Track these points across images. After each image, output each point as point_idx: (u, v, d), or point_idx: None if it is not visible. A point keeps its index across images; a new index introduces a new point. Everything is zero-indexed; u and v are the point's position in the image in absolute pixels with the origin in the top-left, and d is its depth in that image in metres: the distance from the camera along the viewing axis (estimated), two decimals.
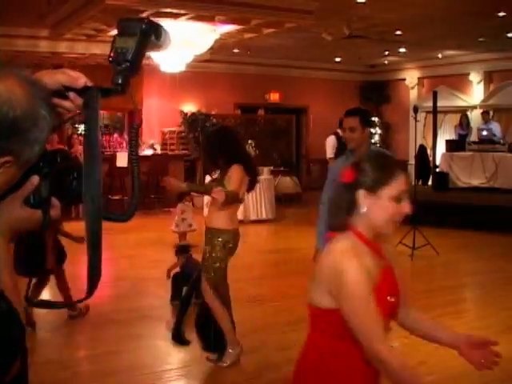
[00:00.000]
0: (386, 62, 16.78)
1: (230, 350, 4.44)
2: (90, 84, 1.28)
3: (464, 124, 14.10)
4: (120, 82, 1.27)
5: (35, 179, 1.23)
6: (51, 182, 1.25)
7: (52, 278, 5.71)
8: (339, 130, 10.85)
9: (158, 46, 1.29)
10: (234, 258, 5.89)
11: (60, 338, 5.39)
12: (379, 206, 1.97)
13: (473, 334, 5.42)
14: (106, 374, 4.39)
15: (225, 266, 4.52)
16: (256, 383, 4.32)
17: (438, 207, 11.32)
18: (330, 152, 11.05)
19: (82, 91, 1.27)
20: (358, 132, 4.11)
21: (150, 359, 4.70)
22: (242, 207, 12.17)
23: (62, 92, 1.28)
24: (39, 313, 5.43)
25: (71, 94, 1.28)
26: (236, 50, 13.95)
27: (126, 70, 1.26)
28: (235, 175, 4.44)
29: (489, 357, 2.09)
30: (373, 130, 17.59)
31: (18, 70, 1.24)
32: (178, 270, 6.40)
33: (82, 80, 1.29)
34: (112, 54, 1.25)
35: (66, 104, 1.31)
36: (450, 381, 4.38)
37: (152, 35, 1.25)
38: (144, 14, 8.83)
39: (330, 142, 11.14)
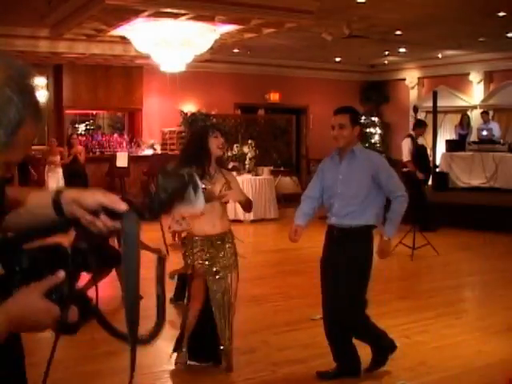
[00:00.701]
0: (385, 62, 16.78)
1: (222, 347, 4.39)
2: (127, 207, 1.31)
3: (465, 124, 14.08)
4: (157, 209, 1.31)
5: (61, 274, 1.21)
6: (72, 284, 1.24)
7: None
8: (413, 132, 10.78)
9: (191, 201, 1.34)
10: None
11: (60, 338, 5.38)
12: None
13: (473, 334, 5.40)
14: (105, 374, 4.38)
15: None
16: (255, 383, 4.32)
17: (438, 207, 11.31)
18: (406, 155, 10.44)
19: (118, 214, 1.30)
20: (348, 130, 4.07)
21: (150, 359, 4.70)
22: (241, 207, 12.20)
23: (98, 212, 1.31)
24: None
25: (102, 216, 1.31)
26: (236, 50, 13.94)
27: (164, 203, 1.30)
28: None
29: None
30: (373, 130, 17.59)
31: (5, 54, 1.23)
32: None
33: (123, 205, 1.30)
34: (153, 189, 1.33)
35: (99, 224, 1.32)
36: (450, 381, 4.38)
37: (191, 187, 1.33)
38: (144, 14, 8.83)
39: (407, 145, 10.54)
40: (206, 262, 4.33)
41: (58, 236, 1.36)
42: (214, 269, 4.33)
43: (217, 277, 4.33)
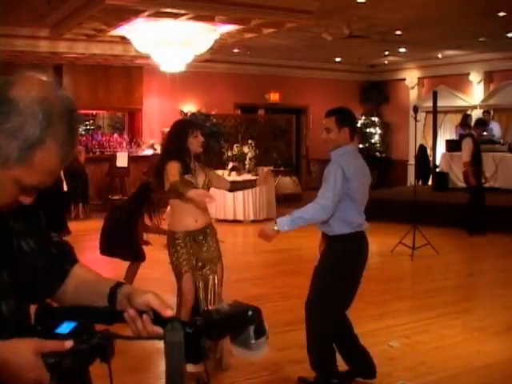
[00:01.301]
0: (385, 62, 16.78)
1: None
2: (173, 315, 1.28)
3: (467, 124, 14.04)
4: (201, 327, 1.24)
5: (68, 344, 1.15)
6: (78, 361, 1.18)
7: None
8: (474, 132, 10.73)
9: (250, 345, 1.28)
10: (233, 257, 5.90)
11: None
12: None
13: (473, 334, 5.40)
14: (105, 374, 4.38)
15: None
16: (255, 383, 4.32)
17: (438, 207, 11.31)
18: (467, 155, 10.20)
19: (162, 321, 1.26)
20: (334, 133, 3.98)
21: (150, 360, 4.70)
22: (241, 207, 12.23)
23: (143, 312, 1.29)
24: None
25: (144, 317, 1.29)
26: (236, 50, 13.94)
27: (212, 323, 1.25)
28: None
29: None
30: (373, 130, 17.59)
31: (58, 86, 1.27)
32: None
33: (171, 311, 1.28)
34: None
35: (139, 324, 1.30)
36: (450, 381, 4.38)
37: (252, 328, 1.27)
38: (144, 14, 8.83)
39: (467, 145, 10.26)
40: (191, 258, 4.35)
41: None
42: (200, 264, 4.38)
43: (203, 270, 4.38)
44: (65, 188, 11.84)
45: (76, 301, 1.43)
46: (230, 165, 12.58)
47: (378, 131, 17.59)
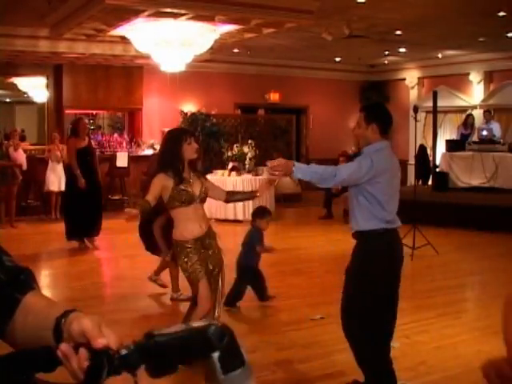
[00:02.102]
0: (385, 61, 16.78)
1: None
2: (108, 345, 0.93)
3: (469, 124, 14.04)
4: (132, 361, 0.91)
5: None
6: None
7: None
8: None
9: (219, 382, 0.93)
10: (233, 257, 5.90)
11: None
12: None
13: (473, 334, 5.40)
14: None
15: None
16: (255, 383, 4.31)
17: (438, 207, 11.32)
18: None
19: (93, 354, 0.93)
20: (362, 128, 3.85)
21: None
22: (241, 207, 12.22)
23: (81, 345, 0.96)
24: None
25: (81, 351, 0.94)
26: (236, 50, 13.94)
27: (147, 352, 0.91)
28: None
29: None
30: None
31: None
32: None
33: (101, 341, 0.94)
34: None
35: (74, 362, 0.94)
36: (450, 381, 4.38)
37: (217, 354, 0.92)
38: (144, 14, 8.83)
39: None
40: (204, 263, 4.38)
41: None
42: (210, 267, 4.43)
43: (213, 273, 4.44)
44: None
45: (24, 339, 1.15)
46: (230, 165, 12.58)
47: None
